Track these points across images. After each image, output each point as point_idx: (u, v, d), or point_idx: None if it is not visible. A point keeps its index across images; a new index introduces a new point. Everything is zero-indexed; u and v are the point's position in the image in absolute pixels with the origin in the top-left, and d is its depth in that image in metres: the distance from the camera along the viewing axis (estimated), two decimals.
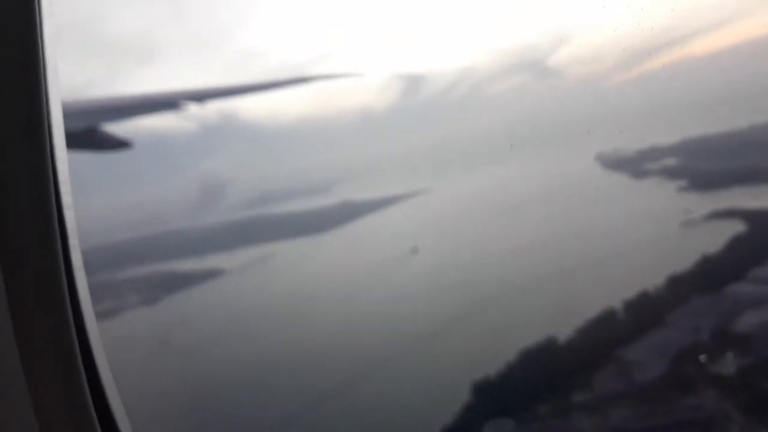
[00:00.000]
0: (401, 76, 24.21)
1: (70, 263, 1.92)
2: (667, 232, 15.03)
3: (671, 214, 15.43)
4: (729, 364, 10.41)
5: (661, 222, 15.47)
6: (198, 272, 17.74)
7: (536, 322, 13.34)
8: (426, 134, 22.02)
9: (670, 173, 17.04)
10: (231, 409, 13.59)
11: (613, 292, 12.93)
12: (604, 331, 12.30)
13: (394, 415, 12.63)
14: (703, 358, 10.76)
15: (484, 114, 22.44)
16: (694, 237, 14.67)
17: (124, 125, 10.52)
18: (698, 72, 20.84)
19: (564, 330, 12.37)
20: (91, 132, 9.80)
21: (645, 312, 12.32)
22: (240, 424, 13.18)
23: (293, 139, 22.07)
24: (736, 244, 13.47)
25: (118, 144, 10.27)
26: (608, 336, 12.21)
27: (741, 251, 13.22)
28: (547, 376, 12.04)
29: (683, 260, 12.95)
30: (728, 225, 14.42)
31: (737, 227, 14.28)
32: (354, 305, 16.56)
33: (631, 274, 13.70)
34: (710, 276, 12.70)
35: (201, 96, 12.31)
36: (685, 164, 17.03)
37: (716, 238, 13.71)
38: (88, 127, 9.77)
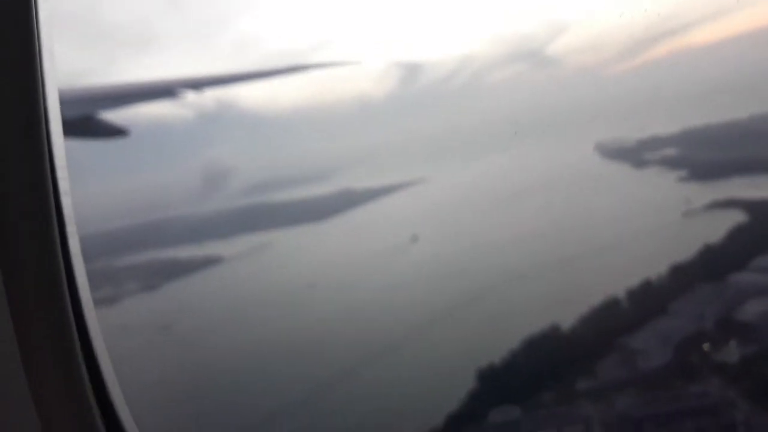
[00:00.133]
0: (399, 64, 24.08)
1: (67, 250, 1.90)
2: (669, 221, 15.08)
3: (672, 203, 15.46)
4: (732, 352, 10.47)
5: (662, 212, 15.50)
6: (197, 259, 17.70)
7: (538, 310, 13.37)
8: (424, 123, 21.93)
9: (671, 163, 17.06)
10: (230, 396, 13.58)
11: (614, 281, 12.97)
12: (607, 319, 12.34)
13: (394, 403, 12.65)
14: (706, 346, 10.82)
15: (483, 103, 22.39)
16: (696, 227, 14.71)
17: (122, 113, 10.49)
18: (698, 62, 20.85)
19: (566, 318, 12.41)
20: (88, 120, 9.76)
21: (647, 301, 12.37)
22: (239, 411, 13.18)
23: (291, 127, 21.99)
24: (737, 233, 13.53)
25: (116, 132, 10.25)
26: (611, 324, 12.25)
27: (742, 241, 13.27)
28: (551, 364, 12.08)
29: (685, 250, 13.00)
30: (729, 215, 14.47)
31: (738, 217, 14.34)
32: (354, 293, 16.57)
33: (633, 263, 13.74)
34: (712, 265, 12.75)
35: (198, 84, 12.26)
36: (686, 154, 17.05)
37: (717, 227, 13.76)
38: (86, 115, 9.73)
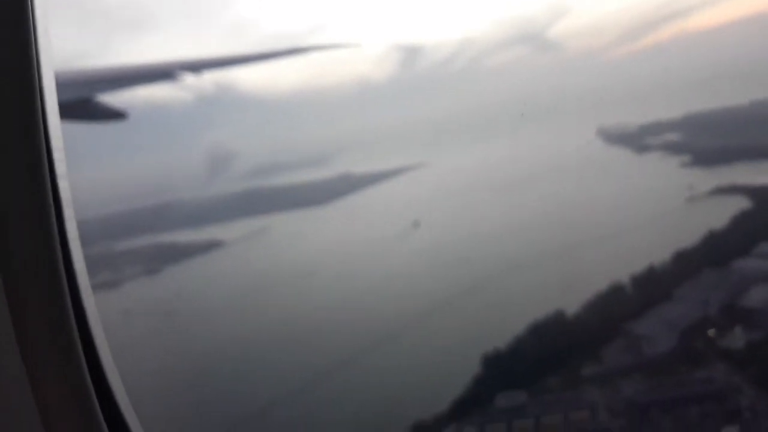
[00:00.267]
0: (399, 47, 23.89)
1: (65, 234, 1.86)
2: (672, 207, 15.07)
3: (675, 189, 15.45)
4: (737, 338, 10.50)
5: (665, 197, 15.49)
6: (197, 244, 17.61)
7: (542, 297, 13.37)
8: (424, 107, 21.81)
9: (673, 148, 17.04)
10: (229, 382, 13.55)
11: (619, 268, 12.96)
12: (612, 306, 12.35)
13: (396, 391, 12.64)
14: (711, 332, 10.85)
15: (484, 87, 22.29)
16: (699, 212, 14.72)
17: (120, 95, 10.37)
18: (700, 46, 20.80)
19: (570, 305, 12.41)
20: (86, 102, 9.66)
21: (652, 287, 12.38)
22: (238, 397, 13.16)
23: (290, 111, 21.80)
24: (740, 219, 13.54)
25: (114, 114, 10.14)
26: (615, 310, 12.26)
27: (746, 227, 13.29)
28: (555, 351, 12.09)
29: (689, 236, 13.01)
30: (732, 201, 14.48)
31: (741, 203, 14.35)
32: (354, 278, 16.51)
33: (637, 249, 13.74)
34: (716, 251, 12.76)
35: (197, 66, 12.12)
36: (688, 140, 17.03)
37: (721, 213, 13.76)
38: (84, 98, 9.63)
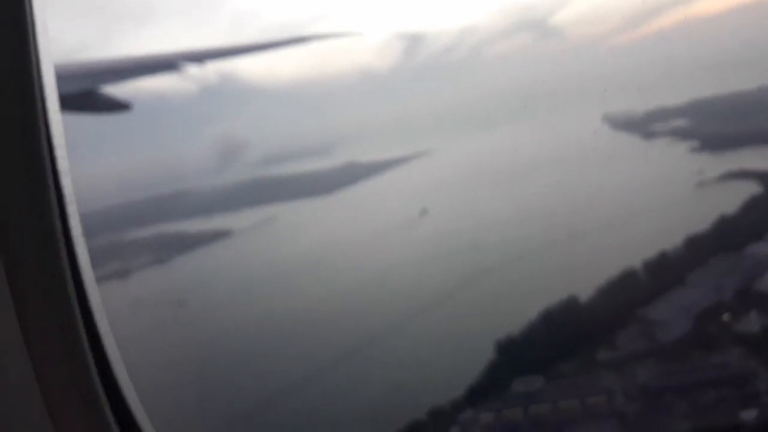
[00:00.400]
0: (401, 35, 23.84)
1: (69, 231, 1.84)
2: (682, 193, 15.06)
3: (685, 175, 15.43)
4: (752, 322, 10.51)
5: (675, 183, 15.48)
6: (206, 233, 17.57)
7: (553, 284, 13.38)
8: (428, 95, 21.74)
9: (681, 134, 17.00)
10: (236, 370, 13.56)
11: (630, 254, 12.96)
12: (624, 291, 12.34)
13: (409, 378, 12.65)
14: (726, 317, 10.86)
15: (487, 74, 22.22)
16: (710, 198, 14.72)
17: (123, 87, 10.34)
18: (704, 33, 20.72)
19: (582, 291, 12.41)
20: (89, 94, 9.63)
21: (665, 272, 12.38)
22: (246, 385, 13.17)
23: (294, 100, 21.76)
24: (752, 204, 13.53)
25: (118, 106, 10.12)
26: (628, 296, 12.26)
27: (758, 212, 13.28)
28: (567, 337, 12.11)
29: (701, 221, 13.00)
30: (743, 186, 14.47)
31: (752, 188, 14.35)
32: (363, 268, 16.49)
33: (649, 235, 13.72)
34: (729, 237, 12.76)
35: (199, 57, 12.09)
36: (695, 125, 16.98)
37: (732, 199, 13.75)
38: (87, 90, 9.60)
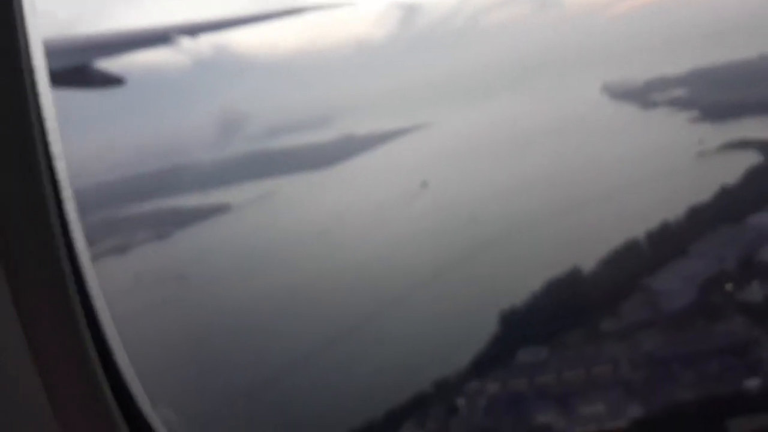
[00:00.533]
0: (397, 5, 23.53)
1: (64, 215, 1.81)
2: (683, 163, 15.05)
3: (685, 145, 15.41)
4: (755, 291, 10.60)
5: (675, 153, 15.45)
6: (205, 208, 17.46)
7: (556, 254, 13.38)
8: (424, 66, 21.52)
9: (680, 104, 16.95)
10: (239, 346, 13.57)
11: (632, 224, 12.98)
12: (627, 261, 12.38)
13: (408, 350, 12.71)
14: (729, 286, 10.94)
15: (484, 45, 22.00)
16: (711, 168, 14.72)
17: (116, 61, 10.20)
18: (703, 1, 20.58)
19: (585, 262, 12.44)
20: (82, 69, 9.48)
21: (667, 242, 12.42)
22: (249, 360, 13.20)
23: (289, 72, 21.47)
24: (753, 174, 13.55)
25: (111, 80, 9.98)
26: (631, 266, 12.30)
27: (759, 182, 13.30)
28: (571, 307, 12.16)
29: (702, 191, 13.02)
30: (744, 156, 14.48)
31: (753, 158, 14.35)
32: (365, 240, 16.45)
33: (651, 205, 13.71)
34: (731, 207, 12.79)
35: (193, 29, 11.91)
36: (694, 95, 16.93)
37: (733, 168, 13.76)
38: (80, 64, 9.45)
